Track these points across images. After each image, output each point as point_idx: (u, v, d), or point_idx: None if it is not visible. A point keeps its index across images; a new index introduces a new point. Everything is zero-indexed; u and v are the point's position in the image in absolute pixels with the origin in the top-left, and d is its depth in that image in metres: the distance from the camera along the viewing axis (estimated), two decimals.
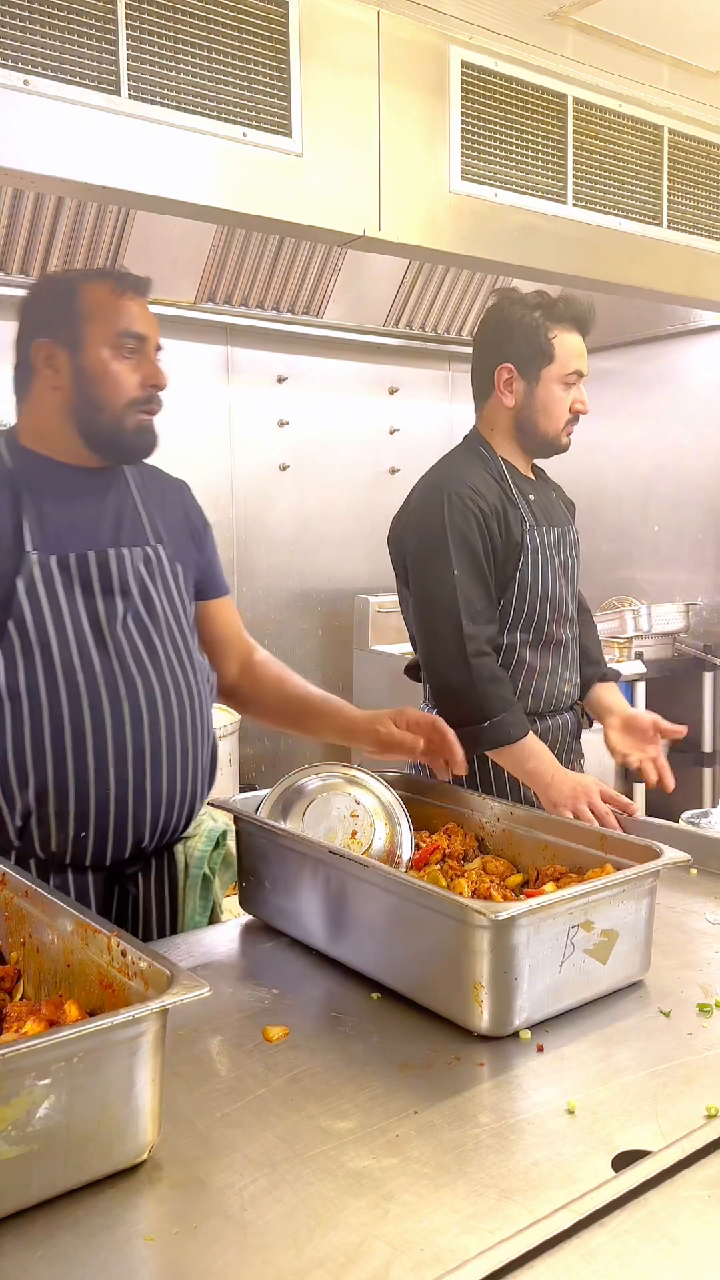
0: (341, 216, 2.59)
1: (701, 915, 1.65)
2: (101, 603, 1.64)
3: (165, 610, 1.72)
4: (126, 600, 1.67)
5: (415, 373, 4.56)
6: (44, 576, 1.61)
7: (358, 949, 1.42)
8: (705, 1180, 1.00)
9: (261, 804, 1.64)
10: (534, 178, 2.91)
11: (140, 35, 2.19)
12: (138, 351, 1.67)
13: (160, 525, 1.78)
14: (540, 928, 1.25)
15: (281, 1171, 1.01)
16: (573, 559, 2.34)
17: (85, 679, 1.61)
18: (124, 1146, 1.00)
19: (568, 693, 2.32)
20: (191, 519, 1.88)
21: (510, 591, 2.18)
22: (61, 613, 1.61)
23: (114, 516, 1.72)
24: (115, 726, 1.62)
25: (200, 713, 1.74)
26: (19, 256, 3.19)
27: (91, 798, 1.61)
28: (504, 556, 2.17)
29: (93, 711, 1.60)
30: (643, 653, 4.08)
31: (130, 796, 1.63)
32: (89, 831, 1.62)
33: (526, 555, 2.18)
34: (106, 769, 1.61)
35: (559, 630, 2.27)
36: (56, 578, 1.62)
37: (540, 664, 2.24)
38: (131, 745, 1.63)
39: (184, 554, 1.81)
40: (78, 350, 1.66)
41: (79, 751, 1.60)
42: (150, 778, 1.65)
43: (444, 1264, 0.88)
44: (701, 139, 3.29)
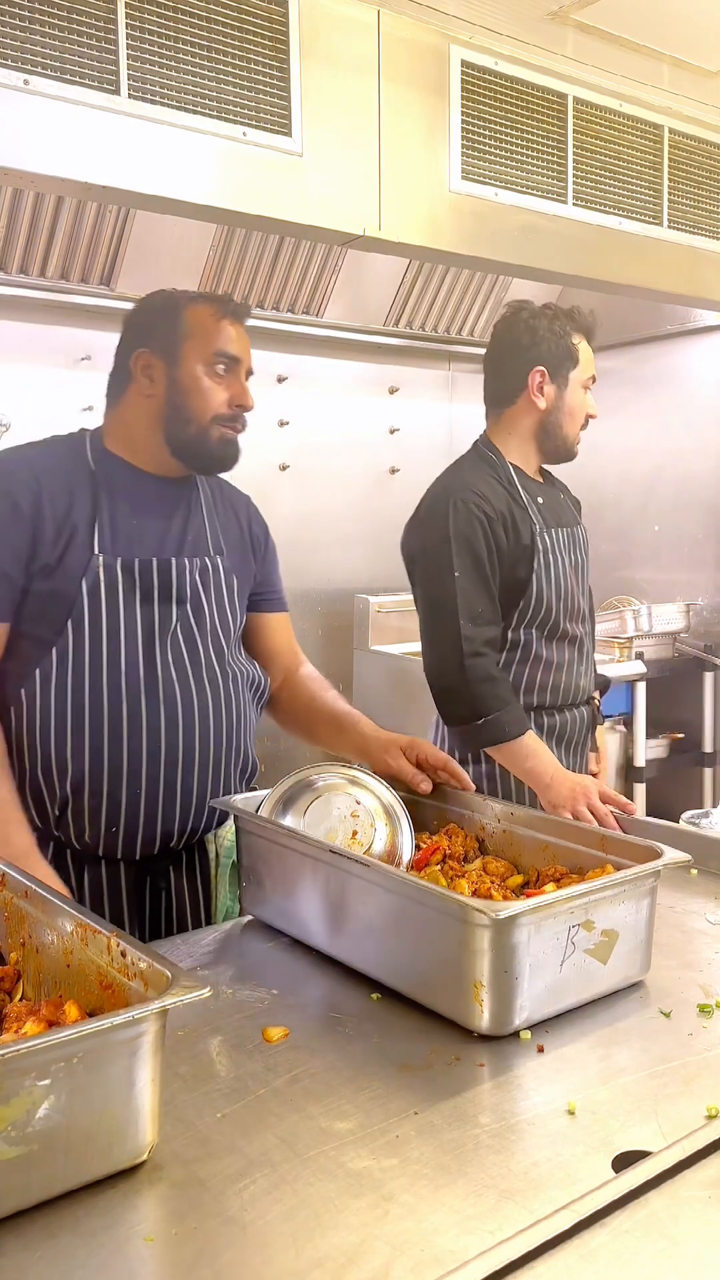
0: (341, 216, 2.59)
1: (702, 915, 1.65)
2: (156, 610, 1.73)
3: (213, 619, 1.80)
4: (179, 609, 1.76)
5: (415, 373, 4.56)
6: (107, 580, 1.70)
7: (358, 948, 1.42)
8: (705, 1181, 1.00)
9: (262, 804, 1.64)
10: (534, 177, 2.91)
11: (140, 35, 2.19)
12: (230, 372, 1.77)
13: (222, 538, 1.88)
14: (541, 927, 1.25)
15: (281, 1172, 1.01)
16: (582, 558, 2.42)
17: (128, 683, 1.69)
18: (124, 1147, 0.99)
19: (583, 687, 2.41)
20: (254, 533, 1.98)
21: (528, 592, 2.26)
22: (118, 616, 1.70)
23: (181, 526, 1.81)
24: (150, 730, 1.70)
25: (240, 720, 1.82)
26: (19, 256, 3.19)
27: (123, 795, 1.69)
28: (514, 559, 2.24)
29: (130, 714, 1.69)
30: (643, 653, 4.08)
31: (160, 797, 1.71)
32: (119, 827, 1.70)
33: (539, 557, 2.26)
34: (139, 769, 1.69)
35: (572, 627, 2.35)
36: (119, 581, 1.70)
37: (556, 659, 2.32)
38: (165, 749, 1.71)
39: (241, 566, 1.90)
40: (174, 363, 1.75)
41: (114, 750, 1.68)
42: (181, 780, 1.73)
43: (444, 1264, 0.88)
44: (702, 139, 3.28)
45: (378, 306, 4.08)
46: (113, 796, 1.69)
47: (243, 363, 1.80)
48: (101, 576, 1.69)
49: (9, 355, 3.50)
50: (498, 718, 2.13)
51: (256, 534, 1.99)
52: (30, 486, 1.70)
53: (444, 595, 2.19)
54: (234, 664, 1.83)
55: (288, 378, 4.18)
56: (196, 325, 1.76)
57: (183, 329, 1.76)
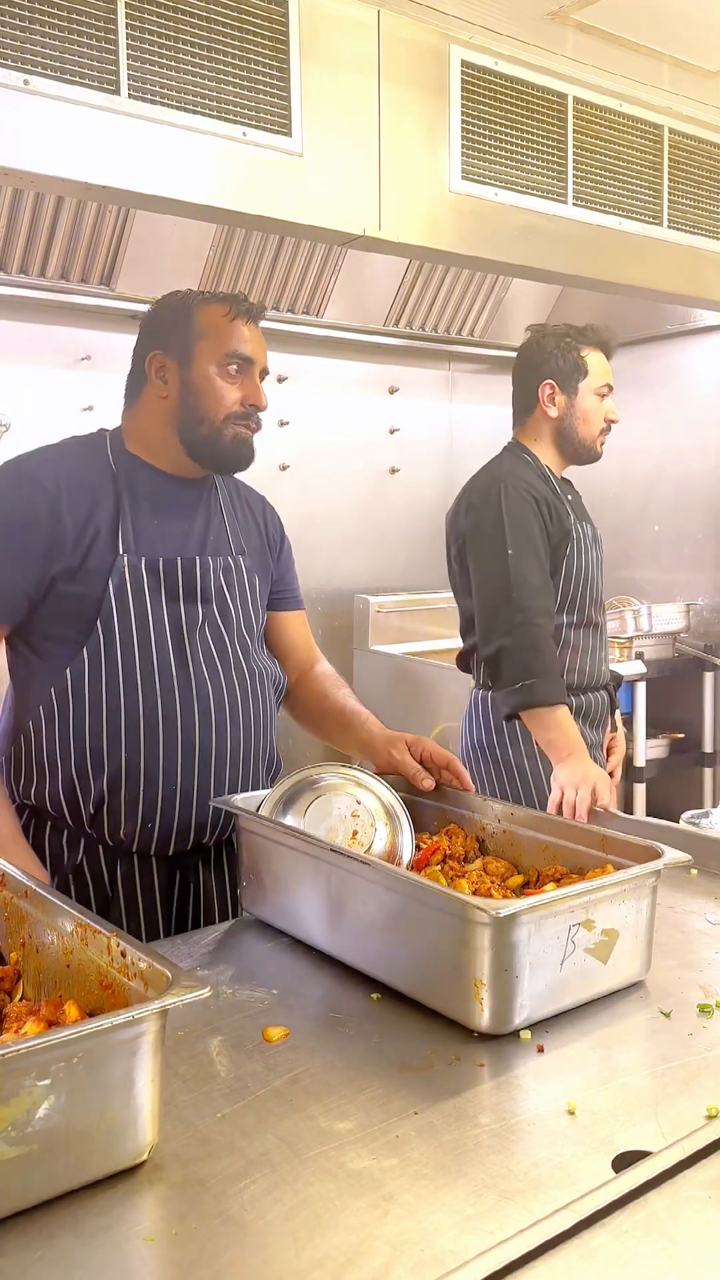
0: (341, 216, 2.58)
1: (702, 916, 1.65)
2: (183, 608, 1.76)
3: (239, 618, 1.83)
4: (205, 607, 1.78)
5: (415, 373, 4.55)
6: (133, 579, 1.72)
7: (358, 947, 1.42)
8: (706, 1181, 0.99)
9: (262, 803, 1.64)
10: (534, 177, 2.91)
11: (140, 35, 2.19)
12: (243, 372, 1.80)
13: (242, 538, 1.90)
14: (541, 925, 1.25)
15: (281, 1172, 1.01)
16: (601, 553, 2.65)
17: (161, 679, 1.72)
18: (124, 1147, 0.99)
19: (604, 671, 2.61)
20: (270, 533, 2.00)
21: (560, 575, 2.46)
22: (146, 615, 1.72)
23: (202, 526, 1.84)
24: (185, 726, 1.73)
25: (265, 717, 1.85)
26: (19, 256, 3.19)
27: (159, 791, 1.72)
28: (557, 540, 2.46)
29: (165, 710, 1.72)
30: (643, 653, 4.08)
31: (195, 792, 1.75)
32: (154, 823, 1.73)
33: (573, 543, 2.49)
34: (175, 764, 1.73)
35: (596, 614, 2.57)
36: (145, 581, 1.73)
37: (582, 644, 2.53)
38: (199, 744, 1.74)
39: (261, 566, 1.93)
40: (187, 364, 1.78)
41: (150, 746, 1.71)
42: (214, 775, 1.76)
43: (444, 1265, 0.88)
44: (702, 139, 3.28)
45: (378, 306, 4.08)
46: (149, 792, 1.71)
47: (256, 363, 1.83)
48: (127, 576, 1.71)
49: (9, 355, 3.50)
50: (539, 684, 2.29)
51: (273, 534, 2.01)
52: (48, 491, 1.71)
53: (499, 570, 2.37)
54: (259, 661, 1.86)
55: (288, 378, 4.18)
56: (209, 326, 1.78)
57: (195, 330, 1.78)
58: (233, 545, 1.87)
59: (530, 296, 4.33)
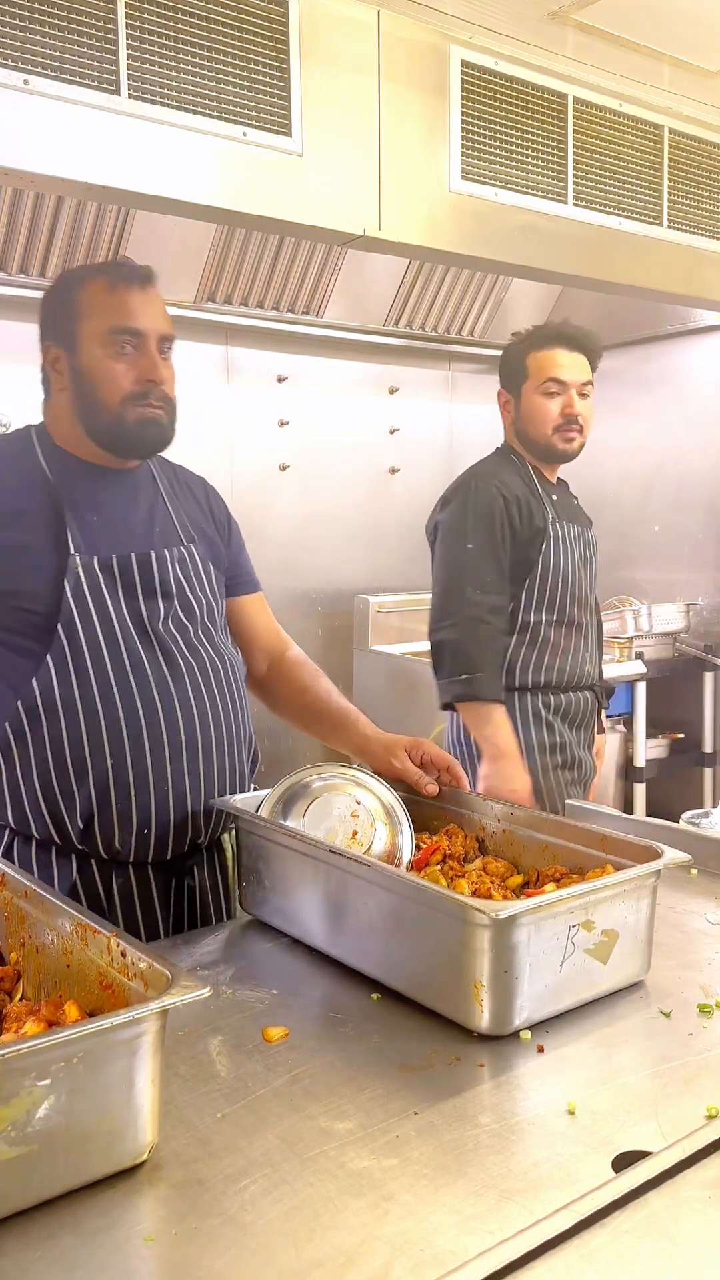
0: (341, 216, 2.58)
1: (702, 916, 1.65)
2: (144, 604, 1.67)
3: (202, 609, 1.76)
4: (168, 601, 1.70)
5: (415, 373, 4.55)
6: (89, 579, 1.63)
7: (358, 948, 1.42)
8: (706, 1181, 0.99)
9: (262, 804, 1.64)
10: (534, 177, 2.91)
11: (140, 35, 2.19)
12: (136, 347, 1.65)
13: (189, 524, 1.81)
14: (541, 927, 1.25)
15: (281, 1172, 1.01)
16: (591, 557, 2.66)
17: (136, 679, 1.64)
18: (124, 1147, 0.99)
19: (589, 672, 2.62)
20: (215, 516, 1.90)
21: (534, 572, 2.48)
22: (109, 615, 1.64)
23: (147, 516, 1.75)
24: (169, 723, 1.65)
25: (241, 706, 1.80)
26: (19, 256, 3.19)
27: (152, 793, 1.65)
28: (527, 538, 2.48)
29: (146, 710, 1.64)
30: (643, 653, 4.08)
31: (188, 790, 1.68)
32: (151, 829, 1.66)
33: (549, 540, 2.50)
34: (164, 765, 1.65)
35: (579, 614, 2.57)
36: (100, 579, 1.64)
37: (563, 643, 2.54)
38: (185, 740, 1.67)
39: (214, 552, 1.85)
40: (74, 351, 1.66)
41: (137, 750, 1.63)
42: (204, 771, 1.70)
43: (444, 1265, 0.88)
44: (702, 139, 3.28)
45: (378, 306, 4.08)
46: (141, 798, 1.64)
47: (150, 334, 1.65)
48: (82, 577, 1.62)
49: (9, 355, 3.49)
50: (478, 678, 2.35)
51: (219, 517, 1.91)
52: None
53: (456, 563, 2.43)
54: (226, 650, 1.80)
55: (288, 378, 4.18)
56: (89, 304, 1.64)
57: (77, 311, 1.65)
58: (182, 534, 1.78)
59: (530, 296, 4.33)
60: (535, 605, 2.48)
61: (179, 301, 3.65)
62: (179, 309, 3.67)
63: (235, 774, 1.76)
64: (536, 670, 2.50)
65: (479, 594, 2.40)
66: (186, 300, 3.65)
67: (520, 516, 2.47)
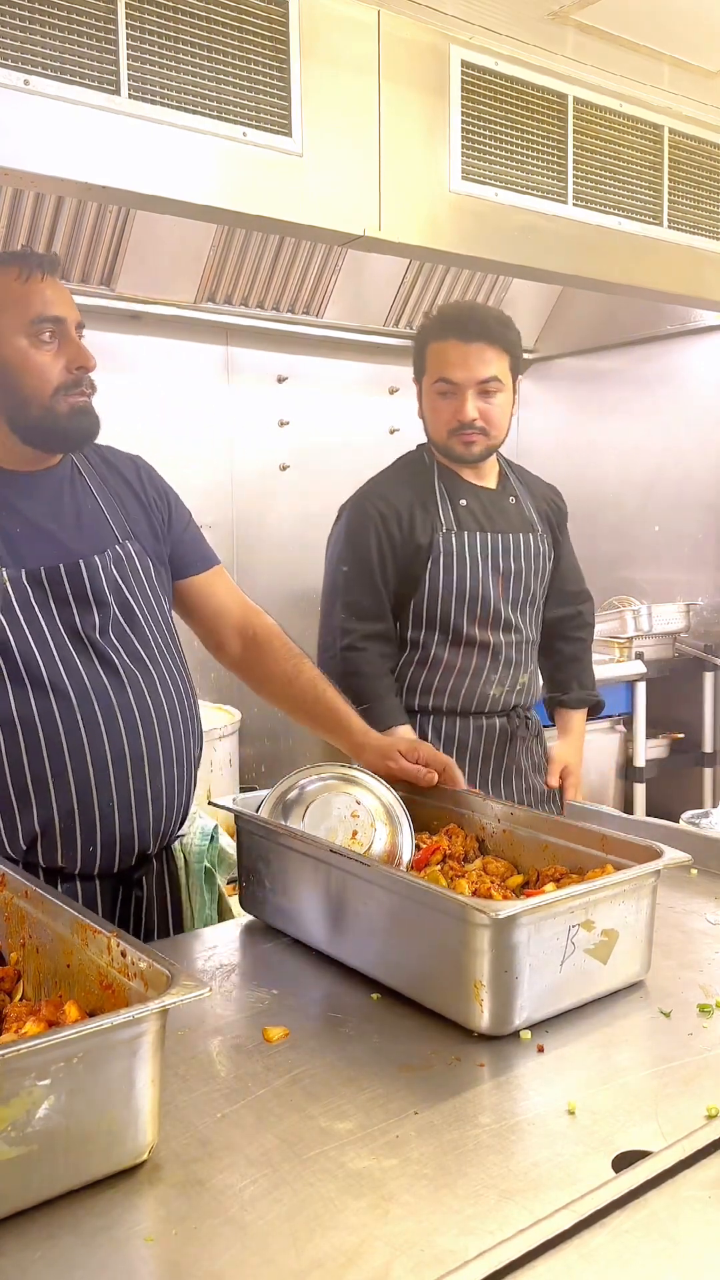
0: (341, 216, 2.58)
1: (702, 915, 1.65)
2: (79, 614, 1.60)
3: (143, 611, 1.69)
4: (104, 609, 1.63)
5: None
6: (18, 593, 1.57)
7: (358, 948, 1.42)
8: (706, 1181, 0.99)
9: (262, 804, 1.64)
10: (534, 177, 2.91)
11: (140, 35, 2.19)
12: (58, 335, 1.61)
13: (123, 517, 1.73)
14: (541, 926, 1.25)
15: (281, 1172, 1.01)
16: (519, 566, 2.37)
17: (76, 693, 1.58)
18: (124, 1147, 0.99)
19: (495, 696, 2.35)
20: (150, 497, 1.80)
21: (420, 590, 2.28)
22: (41, 629, 1.58)
23: (74, 519, 1.67)
24: (112, 737, 1.60)
25: (188, 709, 1.73)
26: None
27: (97, 811, 1.59)
28: (408, 558, 2.28)
29: (88, 725, 1.58)
30: (643, 653, 4.08)
31: (133, 803, 1.62)
32: (97, 845, 1.61)
33: (438, 557, 2.27)
34: (108, 780, 1.60)
35: (482, 633, 2.31)
36: (30, 593, 1.58)
37: (460, 664, 2.31)
38: (130, 753, 1.61)
39: (152, 543, 1.76)
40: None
41: (79, 767, 1.58)
42: (150, 782, 1.64)
43: (444, 1265, 0.88)
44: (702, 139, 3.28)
45: (378, 306, 4.08)
46: (85, 815, 1.59)
47: (68, 320, 1.62)
48: (11, 592, 1.55)
49: None
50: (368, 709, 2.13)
51: (154, 497, 1.81)
52: None
53: (331, 587, 2.31)
54: (171, 652, 1.73)
55: (288, 378, 4.18)
56: (4, 296, 1.59)
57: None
58: (116, 530, 1.69)
59: (530, 296, 4.33)
60: (424, 623, 2.29)
61: (179, 301, 3.65)
62: (179, 309, 3.67)
63: (184, 778, 1.71)
64: (424, 694, 2.31)
65: (354, 621, 2.25)
66: (186, 300, 3.65)
67: (401, 533, 2.27)
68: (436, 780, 1.74)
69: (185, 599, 1.86)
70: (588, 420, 4.55)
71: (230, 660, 1.92)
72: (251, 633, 1.90)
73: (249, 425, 4.12)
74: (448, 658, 2.30)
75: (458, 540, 2.30)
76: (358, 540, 2.29)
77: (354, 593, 2.27)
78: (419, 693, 2.32)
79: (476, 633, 2.30)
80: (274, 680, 1.89)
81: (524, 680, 2.41)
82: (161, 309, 3.64)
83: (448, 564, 2.28)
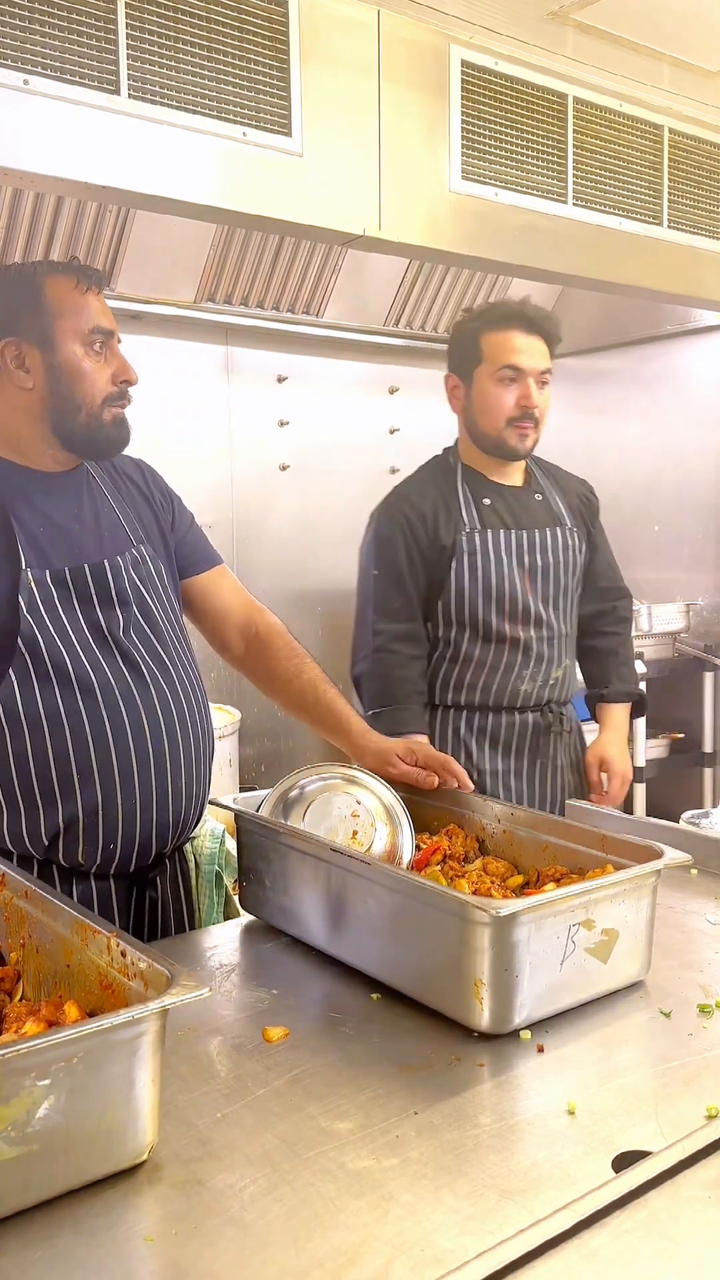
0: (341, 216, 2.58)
1: (702, 915, 1.65)
2: (103, 614, 1.63)
3: (160, 613, 1.71)
4: (126, 609, 1.66)
5: (415, 373, 4.55)
6: (43, 593, 1.59)
7: (358, 947, 1.42)
8: (706, 1181, 0.99)
9: (262, 803, 1.64)
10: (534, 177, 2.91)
11: (140, 35, 2.19)
12: (106, 347, 1.65)
13: (135, 521, 1.76)
14: (541, 925, 1.25)
15: (281, 1172, 1.01)
16: (547, 561, 2.40)
17: (101, 692, 1.60)
18: (124, 1147, 0.99)
19: (527, 691, 2.38)
20: (157, 499, 1.84)
21: (448, 590, 2.32)
22: (66, 628, 1.60)
23: (94, 521, 1.70)
24: (136, 735, 1.62)
25: (203, 709, 1.75)
26: (19, 256, 3.19)
27: (119, 810, 1.61)
28: (434, 557, 2.32)
29: (114, 723, 1.60)
30: (643, 653, 4.08)
31: (155, 803, 1.64)
32: (117, 843, 1.62)
33: (462, 556, 2.32)
34: (132, 779, 1.62)
35: (512, 629, 2.35)
36: (54, 593, 1.60)
37: (491, 660, 2.34)
38: (153, 752, 1.63)
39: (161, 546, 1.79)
40: (50, 349, 1.62)
41: (105, 766, 1.59)
42: (171, 781, 1.66)
43: (444, 1264, 0.88)
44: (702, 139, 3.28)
45: (378, 306, 4.08)
46: (109, 813, 1.61)
47: (115, 334, 1.68)
48: (36, 591, 1.58)
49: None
50: (392, 711, 2.25)
51: (160, 499, 1.85)
52: None
53: (364, 591, 2.37)
54: (185, 651, 1.75)
55: (288, 378, 4.18)
56: (64, 302, 1.62)
57: (50, 308, 1.62)
58: (130, 534, 1.73)
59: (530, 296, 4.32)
60: (453, 622, 2.34)
61: (179, 301, 3.65)
62: (179, 309, 3.67)
63: (201, 778, 1.73)
64: (457, 689, 2.36)
65: (385, 622, 2.31)
66: (186, 300, 3.65)
67: (427, 535, 2.33)
68: (438, 783, 1.74)
69: (189, 599, 1.88)
70: (588, 420, 4.54)
71: (234, 659, 1.94)
72: (254, 631, 1.91)
73: (249, 425, 4.12)
74: (479, 654, 2.34)
75: (481, 539, 2.34)
76: (387, 545, 2.34)
77: (385, 596, 2.33)
78: (451, 689, 2.36)
79: (506, 629, 2.34)
80: (276, 679, 1.91)
81: (557, 675, 2.43)
82: (161, 309, 3.64)
83: (472, 562, 2.32)
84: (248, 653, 1.92)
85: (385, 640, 2.31)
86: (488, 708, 2.37)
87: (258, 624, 1.92)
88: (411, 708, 2.29)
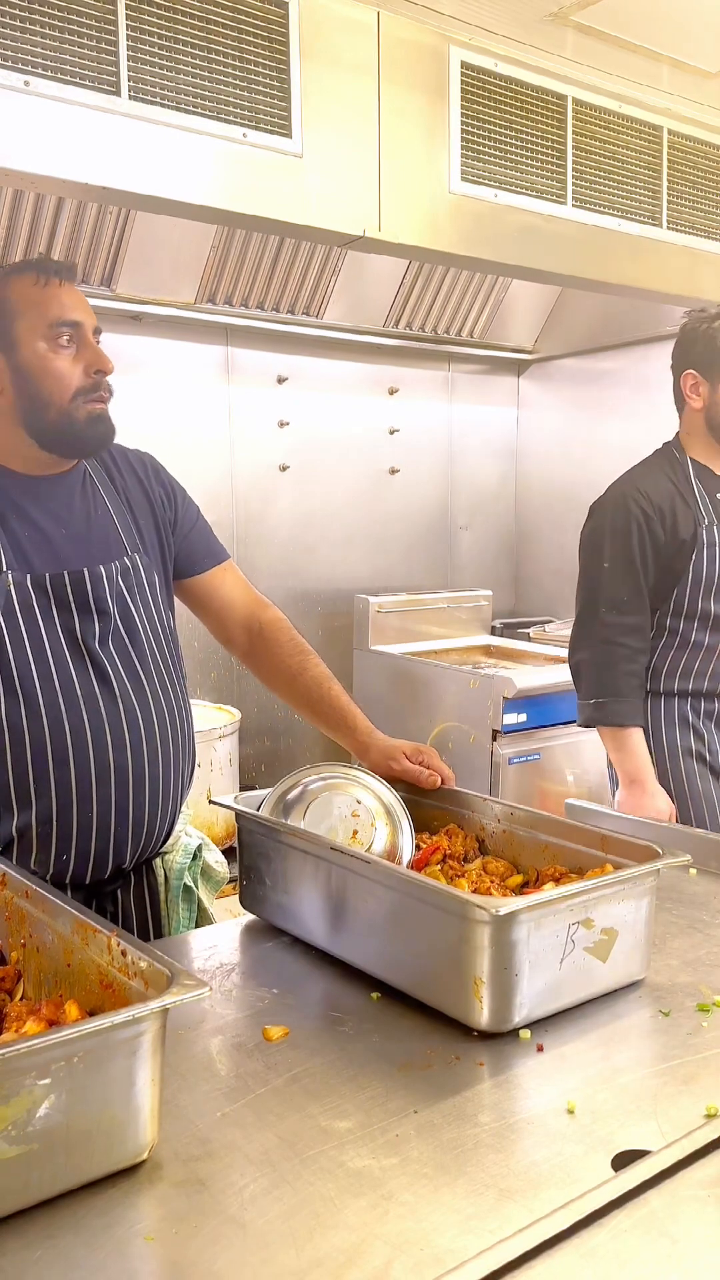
0: (341, 217, 2.59)
1: (701, 915, 1.65)
2: (80, 623, 1.61)
3: (144, 624, 1.68)
4: (105, 620, 1.63)
5: (415, 373, 4.56)
6: (21, 599, 1.57)
7: (358, 946, 1.43)
8: (705, 1180, 1.00)
9: (263, 803, 1.64)
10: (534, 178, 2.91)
11: (140, 35, 2.19)
12: (75, 340, 1.61)
13: (132, 525, 1.74)
14: (541, 924, 1.25)
15: (281, 1171, 1.01)
16: None
17: (66, 703, 1.57)
18: (124, 1146, 1.00)
19: None
20: (159, 495, 1.81)
21: (684, 581, 2.38)
22: (40, 636, 1.58)
23: (84, 526, 1.67)
24: (98, 749, 1.59)
25: (181, 725, 1.72)
26: (19, 256, 3.19)
27: (74, 822, 1.59)
28: (673, 550, 2.39)
29: (74, 735, 1.58)
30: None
31: (113, 819, 1.62)
32: (70, 855, 1.61)
33: (701, 549, 2.38)
34: (90, 792, 1.59)
35: None
36: (33, 597, 1.58)
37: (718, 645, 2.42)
38: (114, 767, 1.60)
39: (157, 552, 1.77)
40: (12, 350, 1.60)
41: (62, 776, 1.57)
42: (133, 798, 1.63)
43: (444, 1264, 0.88)
44: (701, 139, 3.29)
45: (377, 307, 4.09)
46: (63, 824, 1.58)
47: (85, 324, 1.61)
48: (14, 595, 1.56)
49: None
50: (613, 703, 2.32)
51: (163, 494, 1.81)
52: None
53: (592, 583, 2.40)
54: (171, 664, 1.73)
55: (288, 378, 4.18)
56: (22, 300, 1.59)
57: (9, 309, 1.59)
58: (125, 541, 1.70)
59: (530, 297, 4.33)
60: (684, 613, 2.39)
61: (179, 302, 3.66)
62: (179, 309, 3.68)
63: (170, 796, 1.69)
64: (684, 676, 2.41)
65: (614, 615, 2.36)
66: (186, 300, 3.66)
67: (664, 529, 2.38)
68: (439, 783, 1.74)
69: (193, 594, 1.87)
70: (587, 420, 4.55)
71: (239, 653, 1.93)
72: (258, 627, 1.90)
73: (249, 425, 4.13)
74: (708, 641, 2.40)
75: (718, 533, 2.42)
76: (618, 536, 2.38)
77: (614, 587, 2.37)
78: (679, 676, 2.42)
79: None
80: (279, 675, 1.89)
81: None
82: (162, 309, 3.65)
83: (710, 555, 2.39)
84: (252, 648, 1.91)
85: (613, 633, 2.36)
86: (715, 694, 2.44)
87: (261, 619, 1.91)
88: (634, 701, 2.35)
